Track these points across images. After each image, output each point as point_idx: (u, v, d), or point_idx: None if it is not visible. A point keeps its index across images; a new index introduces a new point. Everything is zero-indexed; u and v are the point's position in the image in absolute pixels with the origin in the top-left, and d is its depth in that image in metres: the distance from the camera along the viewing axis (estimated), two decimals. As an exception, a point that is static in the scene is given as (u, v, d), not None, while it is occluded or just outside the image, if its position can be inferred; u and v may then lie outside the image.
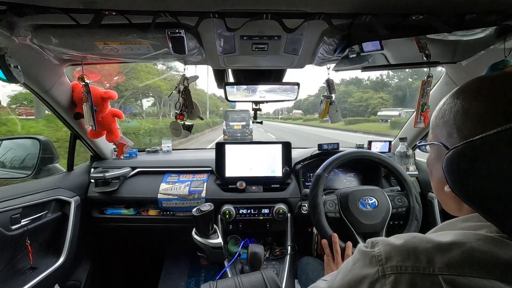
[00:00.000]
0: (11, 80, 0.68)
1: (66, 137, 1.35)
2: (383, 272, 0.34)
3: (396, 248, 0.35)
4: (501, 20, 0.65)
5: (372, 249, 0.38)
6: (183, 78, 0.98)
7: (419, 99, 1.00)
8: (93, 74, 1.03)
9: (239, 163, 1.35)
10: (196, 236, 1.04)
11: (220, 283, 0.85)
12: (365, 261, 0.38)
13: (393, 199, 1.00)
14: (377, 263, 0.35)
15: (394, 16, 0.65)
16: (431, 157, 0.46)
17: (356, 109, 38.82)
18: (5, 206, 0.92)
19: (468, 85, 0.38)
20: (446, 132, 0.39)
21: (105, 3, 0.59)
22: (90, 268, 1.37)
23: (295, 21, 0.65)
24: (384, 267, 0.35)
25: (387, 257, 0.35)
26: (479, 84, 0.37)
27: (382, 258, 0.35)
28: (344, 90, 44.96)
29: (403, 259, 0.34)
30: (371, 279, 0.35)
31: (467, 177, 0.32)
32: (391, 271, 0.34)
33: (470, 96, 0.36)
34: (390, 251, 0.35)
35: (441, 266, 0.31)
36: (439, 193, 0.45)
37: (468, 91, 0.37)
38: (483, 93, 0.35)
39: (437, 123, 0.42)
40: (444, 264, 0.31)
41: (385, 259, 0.35)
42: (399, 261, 0.34)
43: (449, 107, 0.39)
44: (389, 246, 0.36)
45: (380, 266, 0.35)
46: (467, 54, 0.89)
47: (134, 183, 1.35)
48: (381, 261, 0.35)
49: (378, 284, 0.34)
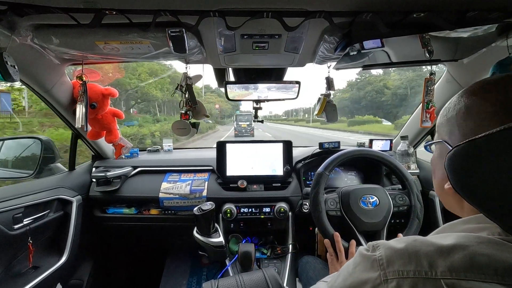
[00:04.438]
0: (7, 78, 0.68)
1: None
2: (385, 277, 0.34)
3: (397, 252, 0.35)
4: (503, 17, 0.64)
5: (373, 252, 0.37)
6: (184, 76, 0.97)
7: (423, 97, 0.99)
8: (94, 74, 1.03)
9: (240, 162, 1.35)
10: (197, 235, 1.05)
11: (222, 281, 0.86)
12: (366, 265, 0.37)
13: (394, 198, 1.00)
14: (379, 268, 0.35)
15: (395, 14, 0.65)
16: (435, 156, 0.46)
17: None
18: (7, 206, 0.92)
19: (474, 85, 0.38)
20: (448, 129, 0.39)
21: (106, 3, 0.59)
22: (92, 267, 1.37)
23: (296, 20, 0.64)
24: (386, 271, 0.34)
25: (388, 261, 0.35)
26: (485, 84, 0.37)
27: (384, 262, 0.35)
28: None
29: (404, 263, 0.33)
30: (373, 283, 0.35)
31: (469, 175, 0.32)
32: (393, 276, 0.33)
33: (475, 95, 0.37)
34: (391, 255, 0.35)
35: (443, 270, 0.30)
36: (441, 191, 0.45)
37: (473, 90, 0.38)
38: (488, 93, 0.35)
39: (441, 121, 0.42)
40: (446, 268, 0.30)
41: (387, 263, 0.35)
42: (400, 265, 0.33)
43: (453, 105, 0.39)
44: (390, 250, 0.36)
45: (382, 271, 0.35)
46: (469, 52, 0.89)
47: (136, 183, 1.35)
48: (383, 265, 0.35)
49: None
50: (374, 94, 31.70)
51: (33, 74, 0.92)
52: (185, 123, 1.01)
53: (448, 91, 1.11)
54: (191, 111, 1.01)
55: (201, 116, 1.05)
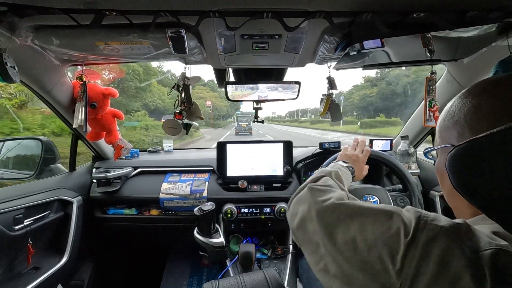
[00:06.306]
0: (7, 79, 0.68)
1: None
2: (424, 226, 0.32)
3: (446, 218, 0.34)
4: (503, 17, 0.64)
5: (420, 211, 0.36)
6: (182, 75, 0.97)
7: (425, 96, 0.99)
8: (94, 75, 1.04)
9: (241, 162, 1.35)
10: (198, 235, 1.05)
11: (222, 282, 0.86)
12: (410, 213, 0.35)
13: (395, 199, 1.00)
14: (421, 218, 0.34)
15: (395, 14, 0.65)
16: (441, 162, 0.43)
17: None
18: (8, 207, 0.92)
19: (478, 85, 0.37)
20: (456, 133, 0.38)
21: (106, 3, 0.59)
22: (92, 267, 1.37)
23: (296, 20, 0.64)
24: (427, 222, 0.33)
25: (433, 218, 0.33)
26: (490, 84, 0.36)
27: (429, 217, 0.34)
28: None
29: (450, 226, 0.32)
30: (407, 223, 0.33)
31: (471, 175, 0.31)
32: (434, 228, 0.32)
33: (485, 94, 0.35)
34: (439, 217, 0.34)
35: (484, 244, 0.29)
36: (453, 200, 0.43)
37: (479, 90, 0.37)
38: (500, 91, 0.34)
39: (446, 125, 0.40)
40: (487, 243, 0.29)
41: (432, 218, 0.33)
42: (445, 225, 0.32)
43: (459, 107, 0.38)
44: (439, 216, 0.34)
45: (423, 221, 0.33)
46: (469, 52, 0.89)
47: (136, 183, 1.35)
48: (427, 218, 0.34)
49: (414, 229, 0.32)
50: (418, 86, 21.80)
51: (33, 75, 0.92)
52: (177, 123, 0.99)
53: (448, 91, 1.11)
54: (185, 111, 1.00)
55: (195, 117, 1.04)
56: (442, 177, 0.44)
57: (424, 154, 0.58)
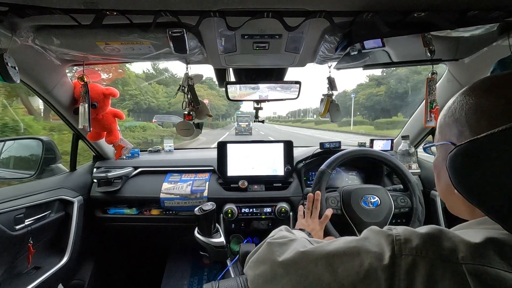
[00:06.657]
0: (7, 79, 0.68)
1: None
2: (400, 252, 0.31)
3: (416, 232, 0.33)
4: (503, 16, 0.64)
5: (389, 230, 0.35)
6: (186, 76, 0.97)
7: (426, 96, 0.99)
8: (95, 75, 1.04)
9: (241, 162, 1.35)
10: (198, 235, 1.05)
11: (223, 283, 0.86)
12: (378, 239, 0.34)
13: (396, 199, 1.00)
14: (394, 242, 0.32)
15: (395, 13, 0.65)
16: (439, 159, 0.44)
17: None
18: (9, 206, 0.92)
19: (481, 82, 0.37)
20: (457, 130, 0.37)
21: (106, 3, 0.59)
22: (93, 267, 1.37)
23: (296, 20, 0.64)
24: (401, 246, 0.31)
25: (406, 239, 0.32)
26: (494, 82, 0.35)
27: (401, 238, 0.32)
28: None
29: (424, 243, 0.31)
30: (379, 258, 0.32)
31: (471, 175, 0.31)
32: (410, 252, 0.31)
33: (486, 93, 0.35)
34: (410, 234, 0.33)
35: (466, 255, 0.29)
36: (448, 197, 0.43)
37: (482, 88, 0.36)
38: (501, 90, 0.33)
39: (446, 122, 0.40)
40: (469, 254, 0.29)
41: (404, 240, 0.32)
42: (419, 244, 0.31)
43: (460, 105, 0.37)
44: (410, 230, 0.33)
45: (397, 245, 0.32)
46: (470, 51, 0.89)
47: (137, 183, 1.35)
48: (399, 241, 0.32)
49: (389, 261, 0.31)
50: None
51: (34, 75, 0.92)
52: (189, 124, 1.01)
53: (449, 90, 1.11)
54: (194, 112, 1.01)
55: (204, 116, 1.05)
56: (439, 174, 0.44)
57: (423, 149, 0.58)
